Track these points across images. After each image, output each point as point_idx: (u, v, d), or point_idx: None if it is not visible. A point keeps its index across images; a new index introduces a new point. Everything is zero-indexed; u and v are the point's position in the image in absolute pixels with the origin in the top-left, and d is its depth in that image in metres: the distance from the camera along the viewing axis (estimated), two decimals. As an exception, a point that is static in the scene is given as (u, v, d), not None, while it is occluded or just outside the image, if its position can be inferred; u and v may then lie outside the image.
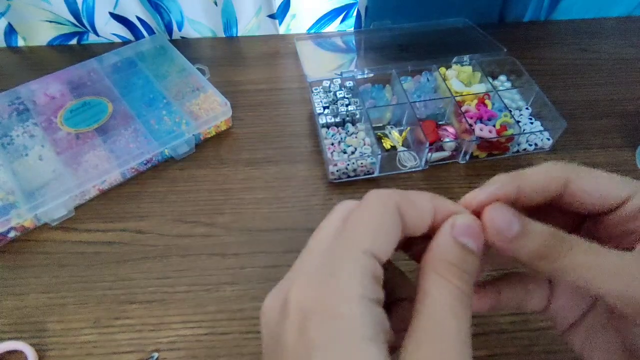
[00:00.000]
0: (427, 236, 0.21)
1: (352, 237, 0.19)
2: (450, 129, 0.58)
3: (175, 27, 0.77)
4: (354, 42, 0.76)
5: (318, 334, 0.17)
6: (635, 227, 0.22)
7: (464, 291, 0.19)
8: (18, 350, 0.42)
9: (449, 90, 0.61)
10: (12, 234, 0.50)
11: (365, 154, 0.56)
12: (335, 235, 0.20)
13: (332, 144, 0.57)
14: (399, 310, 0.23)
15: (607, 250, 0.20)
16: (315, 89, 0.64)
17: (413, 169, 0.56)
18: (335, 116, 0.60)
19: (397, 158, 0.57)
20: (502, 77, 0.67)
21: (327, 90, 0.64)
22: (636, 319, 0.19)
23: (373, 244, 0.19)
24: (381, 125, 0.61)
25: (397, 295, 0.24)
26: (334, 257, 0.19)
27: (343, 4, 0.77)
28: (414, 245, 0.23)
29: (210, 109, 0.60)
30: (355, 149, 0.57)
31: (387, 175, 0.56)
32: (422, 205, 0.21)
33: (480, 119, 0.58)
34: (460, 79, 0.64)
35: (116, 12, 0.74)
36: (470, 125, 0.56)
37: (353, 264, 0.18)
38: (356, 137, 0.58)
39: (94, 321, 0.44)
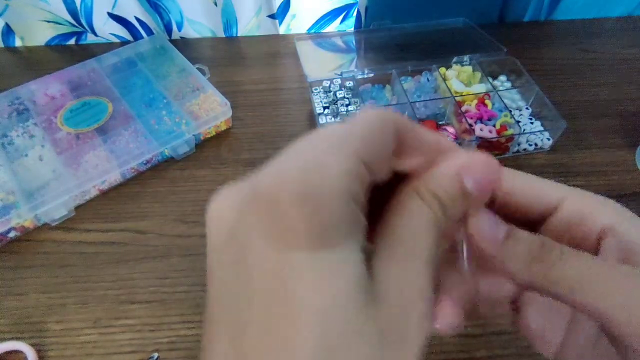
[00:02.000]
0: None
1: (341, 139, 0.16)
2: (450, 129, 0.58)
3: (174, 27, 0.77)
4: (354, 42, 0.76)
5: (300, 229, 0.14)
6: (582, 231, 0.21)
7: (441, 223, 0.17)
8: (18, 351, 0.42)
9: (449, 90, 0.61)
10: (12, 234, 0.50)
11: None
12: (318, 138, 0.17)
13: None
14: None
15: (602, 260, 0.19)
16: (315, 89, 0.64)
17: (413, 169, 0.56)
18: (335, 116, 0.60)
19: (397, 158, 0.57)
20: (502, 77, 0.67)
21: (327, 90, 0.64)
22: (633, 342, 0.17)
23: (364, 148, 0.16)
24: (381, 125, 0.61)
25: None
26: (317, 153, 0.16)
27: (343, 4, 0.77)
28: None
29: (210, 109, 0.60)
30: (356, 149, 0.57)
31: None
32: (423, 134, 0.18)
33: (480, 119, 0.58)
34: (460, 79, 0.64)
35: (114, 12, 0.74)
36: (470, 125, 0.56)
37: (342, 161, 0.15)
38: (356, 137, 0.58)
39: (94, 321, 0.44)
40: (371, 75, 0.65)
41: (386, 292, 0.15)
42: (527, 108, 0.62)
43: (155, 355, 0.42)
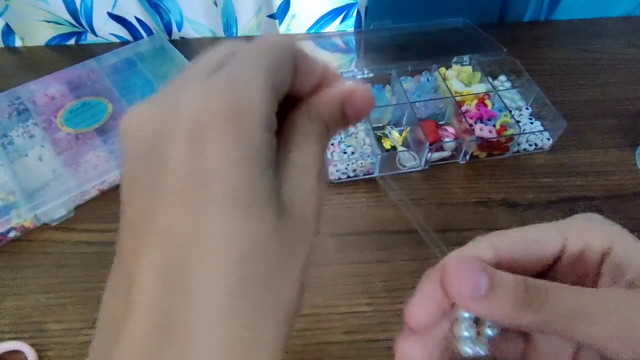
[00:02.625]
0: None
1: (256, 60, 0.17)
2: (450, 129, 0.58)
3: (174, 28, 0.77)
4: (354, 42, 0.76)
5: (215, 148, 0.15)
6: (586, 270, 0.21)
7: (325, 138, 0.19)
8: (18, 351, 0.42)
9: (449, 90, 0.61)
10: (12, 234, 0.50)
11: (365, 154, 0.56)
12: (236, 52, 0.18)
13: (332, 144, 0.57)
14: None
15: (588, 290, 0.18)
16: (315, 89, 0.64)
17: (413, 169, 0.56)
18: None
19: (397, 158, 0.57)
20: (502, 77, 0.67)
21: (327, 90, 0.64)
22: None
23: (274, 72, 0.17)
24: (381, 125, 0.61)
25: None
26: (236, 72, 0.16)
27: (343, 4, 0.77)
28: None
29: (210, 109, 0.60)
30: (355, 149, 0.57)
31: (387, 175, 0.56)
32: (313, 60, 0.19)
33: (480, 119, 0.58)
34: (460, 79, 0.64)
35: (114, 12, 0.74)
36: (470, 125, 0.56)
37: (262, 86, 0.16)
38: (356, 137, 0.58)
39: (94, 321, 0.44)
40: (371, 75, 0.65)
41: (289, 201, 0.16)
42: (527, 108, 0.62)
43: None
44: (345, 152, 0.56)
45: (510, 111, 0.60)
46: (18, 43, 0.78)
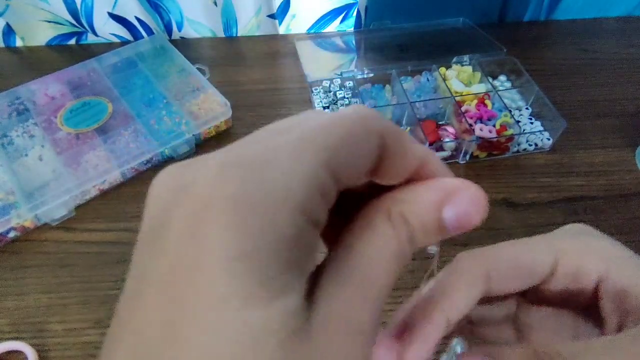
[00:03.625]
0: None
1: (307, 135, 0.13)
2: (450, 129, 0.58)
3: (175, 28, 0.77)
4: (354, 42, 0.76)
5: (214, 237, 0.12)
6: (580, 290, 0.21)
7: (406, 256, 0.15)
8: (18, 351, 0.42)
9: (449, 90, 0.61)
10: (12, 234, 0.50)
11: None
12: (286, 129, 0.14)
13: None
14: None
15: (593, 343, 0.18)
16: (315, 89, 0.64)
17: (413, 169, 0.56)
18: (335, 116, 0.60)
19: (398, 158, 0.57)
20: (502, 77, 0.67)
21: (327, 90, 0.64)
22: None
23: (333, 152, 0.13)
24: (381, 125, 0.61)
25: None
26: (272, 148, 0.13)
27: (343, 4, 0.77)
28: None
29: (210, 109, 0.60)
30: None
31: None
32: (412, 146, 0.15)
33: (480, 119, 0.58)
34: (460, 79, 0.64)
35: (115, 12, 0.74)
36: (470, 125, 0.56)
37: (303, 163, 0.12)
38: (356, 137, 0.58)
39: (95, 322, 0.44)
40: (371, 75, 0.65)
41: (323, 324, 0.13)
42: (527, 108, 0.62)
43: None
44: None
45: (510, 111, 0.60)
46: (19, 43, 0.78)
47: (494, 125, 0.57)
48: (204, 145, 0.61)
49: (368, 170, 0.14)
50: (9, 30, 0.75)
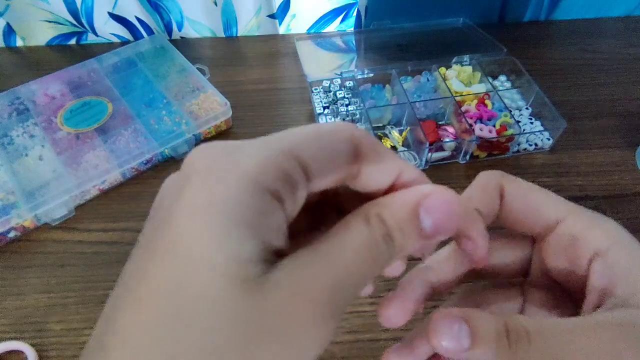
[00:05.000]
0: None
1: (280, 134, 0.16)
2: (450, 129, 0.58)
3: (175, 27, 0.77)
4: (354, 42, 0.76)
5: (189, 201, 0.15)
6: (574, 259, 0.21)
7: (380, 251, 0.16)
8: (18, 351, 0.42)
9: (449, 90, 0.61)
10: (12, 234, 0.50)
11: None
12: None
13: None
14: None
15: (572, 329, 0.18)
16: (315, 89, 0.64)
17: (413, 169, 0.56)
18: (335, 116, 0.60)
19: (398, 158, 0.57)
20: (502, 77, 0.67)
21: (327, 90, 0.64)
22: None
23: (298, 145, 0.15)
24: (381, 125, 0.61)
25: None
26: (249, 141, 0.16)
27: (343, 4, 0.77)
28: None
29: (210, 109, 0.60)
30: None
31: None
32: (387, 156, 0.17)
33: (480, 119, 0.58)
34: (460, 79, 0.64)
35: (115, 12, 0.74)
36: (470, 125, 0.56)
37: (264, 150, 0.15)
38: (356, 137, 0.58)
39: (95, 321, 0.44)
40: (371, 75, 0.65)
41: (278, 284, 0.14)
42: (527, 108, 0.62)
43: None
44: (345, 152, 0.56)
45: (510, 111, 0.60)
46: (19, 43, 0.78)
47: (494, 125, 0.57)
48: (204, 145, 0.61)
49: (344, 173, 0.16)
50: (9, 30, 0.75)
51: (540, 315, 0.24)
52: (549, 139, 0.58)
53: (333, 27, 0.81)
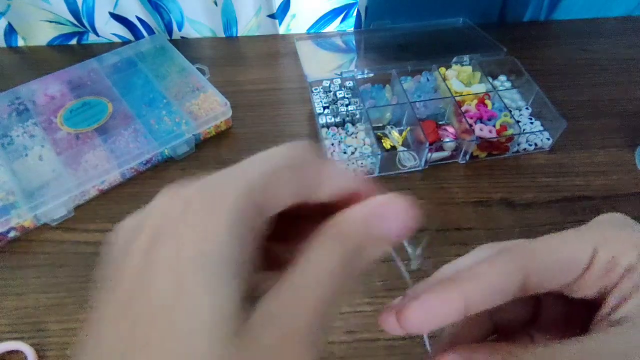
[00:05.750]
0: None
1: (239, 170, 0.17)
2: (450, 129, 0.58)
3: (175, 27, 0.77)
4: (354, 42, 0.76)
5: (163, 258, 0.15)
6: (610, 282, 0.19)
7: (349, 263, 0.16)
8: (18, 351, 0.42)
9: (449, 90, 0.61)
10: (12, 234, 0.50)
11: (365, 154, 0.56)
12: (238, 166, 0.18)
13: (332, 144, 0.57)
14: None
15: (566, 348, 0.18)
16: (315, 89, 0.64)
17: (413, 169, 0.56)
18: (335, 116, 0.60)
19: (397, 158, 0.57)
20: (502, 77, 0.67)
21: (327, 90, 0.64)
22: None
23: (255, 186, 0.16)
24: (381, 125, 0.61)
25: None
26: (211, 185, 0.17)
27: (343, 4, 0.77)
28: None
29: (210, 109, 0.60)
30: (355, 149, 0.57)
31: (387, 175, 0.56)
32: (335, 173, 0.18)
33: (480, 119, 0.58)
34: (460, 79, 0.64)
35: (116, 12, 0.74)
36: (470, 125, 0.56)
37: (232, 193, 0.16)
38: (356, 137, 0.58)
39: (94, 321, 0.44)
40: (371, 75, 0.65)
41: (261, 323, 0.15)
42: (527, 108, 0.62)
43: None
44: (345, 152, 0.56)
45: (510, 111, 0.60)
46: (20, 43, 0.78)
47: (494, 125, 0.57)
48: (203, 145, 0.61)
49: (294, 190, 0.17)
50: (10, 30, 0.76)
51: (552, 333, 0.23)
52: (548, 139, 0.58)
53: (333, 27, 0.81)
